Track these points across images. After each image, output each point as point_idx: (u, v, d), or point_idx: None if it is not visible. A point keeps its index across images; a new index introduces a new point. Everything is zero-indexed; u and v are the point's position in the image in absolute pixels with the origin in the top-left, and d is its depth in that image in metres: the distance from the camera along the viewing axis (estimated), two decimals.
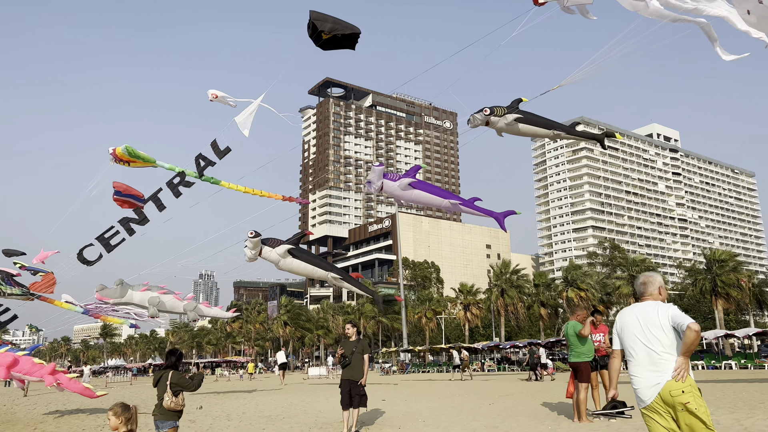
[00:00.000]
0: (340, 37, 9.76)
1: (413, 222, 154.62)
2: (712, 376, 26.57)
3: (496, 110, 9.87)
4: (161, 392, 7.69)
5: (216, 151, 17.17)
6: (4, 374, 17.23)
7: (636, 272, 55.80)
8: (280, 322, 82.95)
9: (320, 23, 9.45)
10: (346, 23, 9.72)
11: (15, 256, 25.05)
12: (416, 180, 12.89)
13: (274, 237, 14.49)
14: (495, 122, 9.77)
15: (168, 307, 19.31)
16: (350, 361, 10.45)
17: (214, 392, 25.98)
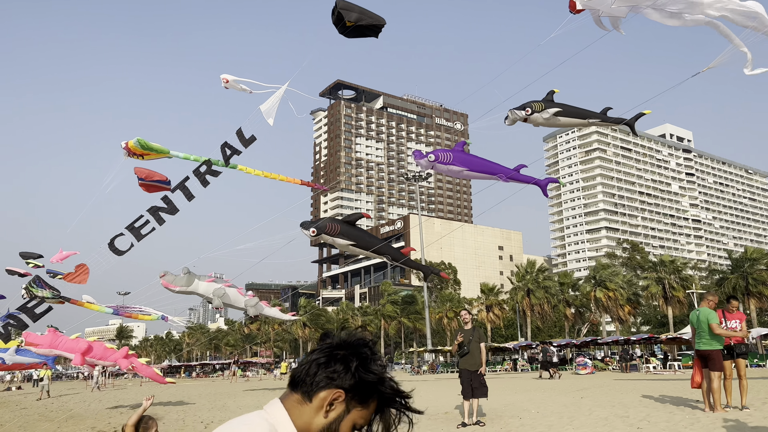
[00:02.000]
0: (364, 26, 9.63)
1: (425, 223, 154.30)
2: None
3: (535, 106, 9.93)
4: None
5: (241, 140, 17.16)
6: (80, 360, 17.12)
7: (664, 273, 55.34)
8: (299, 323, 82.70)
9: (346, 13, 9.31)
10: (372, 14, 9.60)
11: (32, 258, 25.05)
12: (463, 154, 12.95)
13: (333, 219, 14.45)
14: (535, 119, 9.86)
15: (231, 300, 19.12)
16: (468, 350, 10.19)
17: (271, 389, 25.78)
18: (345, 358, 1.49)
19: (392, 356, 75.99)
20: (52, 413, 20.29)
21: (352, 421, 1.48)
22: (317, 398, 1.45)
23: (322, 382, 1.45)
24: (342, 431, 1.46)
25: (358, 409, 1.47)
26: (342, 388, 1.45)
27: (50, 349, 16.93)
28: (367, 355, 1.52)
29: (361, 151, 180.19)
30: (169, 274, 18.03)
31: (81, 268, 23.23)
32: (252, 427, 1.39)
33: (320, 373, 1.47)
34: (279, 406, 1.46)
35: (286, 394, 1.51)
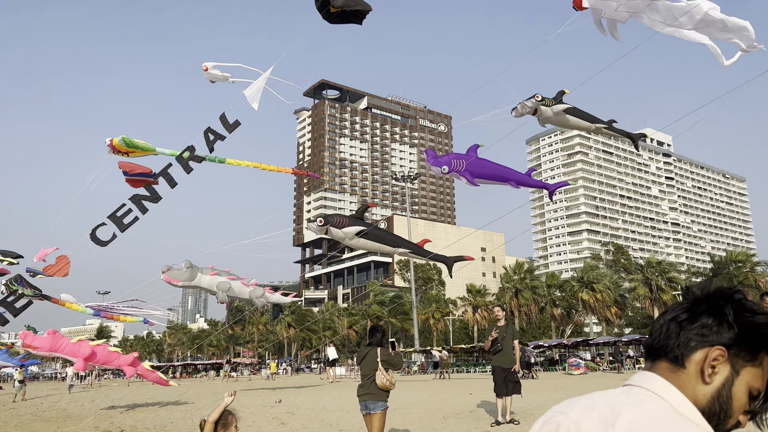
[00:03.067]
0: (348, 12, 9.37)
1: (406, 225, 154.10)
2: None
3: (546, 100, 9.94)
4: (368, 371, 7.12)
5: (225, 125, 16.73)
6: (82, 366, 16.49)
7: (651, 274, 55.78)
8: (284, 323, 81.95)
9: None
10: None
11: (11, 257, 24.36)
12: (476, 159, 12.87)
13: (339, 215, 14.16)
14: (543, 111, 9.90)
15: (236, 293, 18.66)
16: (502, 346, 9.94)
17: (271, 388, 25.30)
18: (714, 308, 1.16)
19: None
20: (45, 413, 19.62)
21: (747, 385, 1.13)
22: (691, 362, 1.14)
23: (693, 341, 1.15)
24: (736, 399, 1.13)
25: (749, 367, 1.14)
26: (721, 344, 1.14)
27: (51, 351, 16.26)
28: (743, 300, 1.17)
29: (345, 152, 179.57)
30: (172, 269, 17.52)
31: (62, 260, 22.53)
32: (654, 410, 1.07)
33: (686, 331, 1.17)
34: (659, 380, 1.14)
35: (651, 365, 1.19)
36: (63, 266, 22.17)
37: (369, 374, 7.04)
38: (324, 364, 56.41)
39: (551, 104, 10.09)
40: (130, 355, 18.17)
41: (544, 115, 10.11)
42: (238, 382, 40.26)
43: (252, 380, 42.06)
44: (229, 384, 37.65)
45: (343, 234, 13.80)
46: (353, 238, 13.96)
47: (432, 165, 12.83)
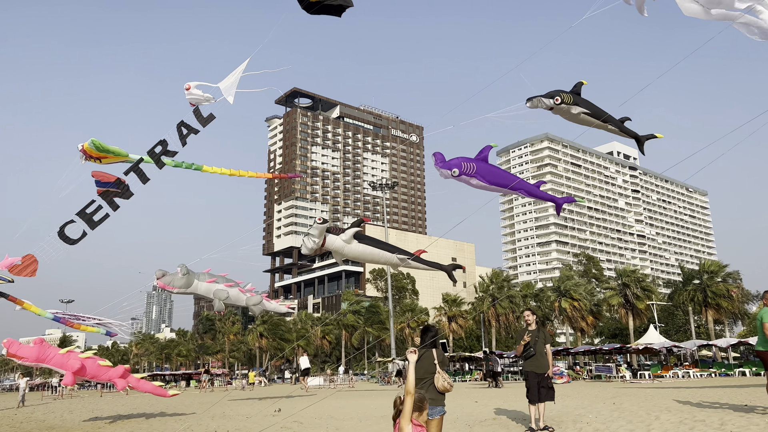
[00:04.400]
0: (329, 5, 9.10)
1: (380, 234, 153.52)
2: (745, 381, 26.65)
3: (564, 97, 9.86)
4: (423, 374, 6.69)
5: (199, 119, 16.24)
6: (71, 380, 15.57)
7: (627, 282, 56.46)
8: (255, 333, 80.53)
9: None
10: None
11: None
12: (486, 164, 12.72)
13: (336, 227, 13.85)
14: (561, 108, 9.79)
15: (233, 300, 17.94)
16: (535, 351, 9.61)
17: (258, 398, 24.51)
18: None
19: (350, 366, 74.71)
20: (23, 424, 18.54)
21: None
22: None
23: None
24: None
25: None
26: None
27: (37, 362, 15.31)
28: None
29: (317, 160, 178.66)
30: (168, 275, 16.75)
31: (28, 260, 21.42)
32: None
33: None
34: None
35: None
36: (30, 266, 21.07)
37: (425, 377, 6.62)
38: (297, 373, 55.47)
39: (569, 102, 9.94)
40: (120, 367, 17.27)
41: (562, 111, 10.00)
42: (213, 393, 39.18)
43: (228, 390, 40.98)
44: (211, 394, 36.58)
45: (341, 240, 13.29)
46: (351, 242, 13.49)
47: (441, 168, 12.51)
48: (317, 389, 40.15)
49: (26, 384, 31.92)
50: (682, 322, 75.33)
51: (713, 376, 33.71)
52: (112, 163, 17.51)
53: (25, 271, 20.98)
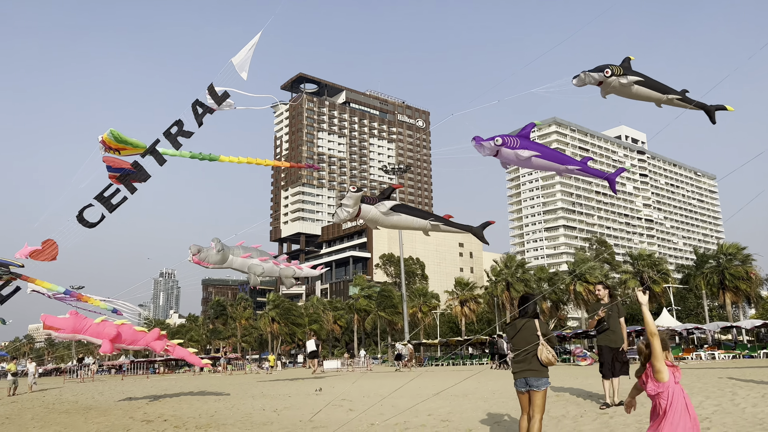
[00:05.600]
0: None
1: None
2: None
3: (614, 69, 9.39)
4: (523, 345, 6.41)
5: (214, 97, 16.05)
6: (109, 348, 15.39)
7: (642, 266, 56.15)
8: (267, 318, 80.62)
9: None
10: None
11: None
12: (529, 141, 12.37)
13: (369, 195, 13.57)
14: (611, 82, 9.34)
15: (267, 273, 17.68)
16: (609, 325, 9.33)
17: (288, 379, 24.41)
18: None
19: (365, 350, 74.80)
20: (56, 405, 18.43)
21: None
22: None
23: None
24: None
25: None
26: None
27: (74, 333, 15.10)
28: None
29: (323, 146, 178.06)
30: (203, 251, 16.48)
31: (48, 244, 21.26)
32: None
33: None
34: None
35: None
36: (50, 250, 20.96)
37: (522, 347, 6.35)
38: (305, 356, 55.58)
39: (620, 73, 9.50)
40: (154, 330, 17.08)
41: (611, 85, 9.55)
42: (231, 376, 39.20)
43: (247, 373, 41.01)
44: (232, 376, 36.58)
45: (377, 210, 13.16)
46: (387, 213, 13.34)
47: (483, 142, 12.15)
48: (335, 372, 40.10)
49: (35, 369, 31.69)
50: (694, 305, 75.06)
51: (738, 357, 33.45)
52: (130, 155, 17.31)
53: (46, 256, 20.87)
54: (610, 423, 7.93)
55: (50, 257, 21.12)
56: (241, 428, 10.49)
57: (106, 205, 17.72)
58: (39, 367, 47.71)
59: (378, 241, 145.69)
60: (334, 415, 11.03)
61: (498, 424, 8.57)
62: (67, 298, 25.81)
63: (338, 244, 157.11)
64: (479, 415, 9.51)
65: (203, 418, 12.28)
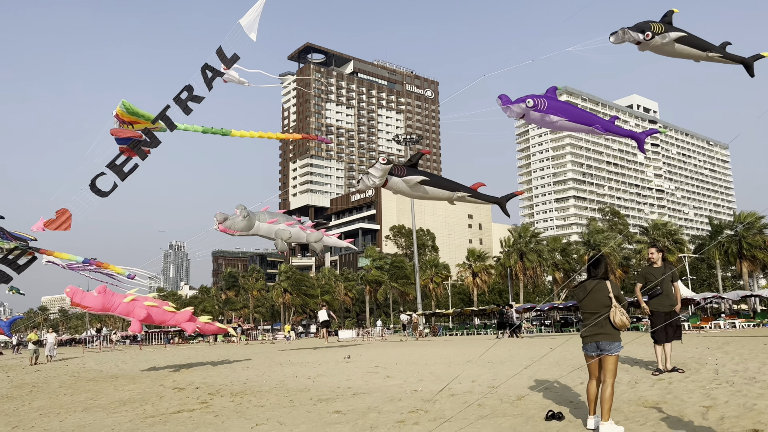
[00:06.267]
0: None
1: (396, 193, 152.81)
2: None
3: (654, 27, 8.84)
4: (596, 307, 6.08)
5: (223, 60, 15.66)
6: (138, 327, 15.23)
7: (657, 236, 55.64)
8: (279, 289, 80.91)
9: None
10: None
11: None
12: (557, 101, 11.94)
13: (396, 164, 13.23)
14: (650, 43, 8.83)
15: (293, 238, 17.42)
16: (662, 290, 8.99)
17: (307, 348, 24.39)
18: None
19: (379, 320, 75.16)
20: (82, 374, 18.44)
21: None
22: None
23: None
24: None
25: None
26: None
27: (103, 311, 14.93)
28: None
29: (331, 117, 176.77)
30: (228, 218, 16.23)
31: (62, 214, 21.04)
32: None
33: None
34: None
35: None
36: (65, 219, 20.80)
37: (599, 311, 6.02)
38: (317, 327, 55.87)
39: (660, 31, 9.00)
40: (185, 311, 16.93)
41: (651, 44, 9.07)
42: (248, 345, 39.38)
43: (263, 344, 41.21)
44: (249, 346, 36.72)
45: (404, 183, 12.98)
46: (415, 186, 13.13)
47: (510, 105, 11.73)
48: (350, 341, 40.17)
49: (55, 339, 31.73)
50: (707, 275, 74.64)
51: (759, 326, 33.17)
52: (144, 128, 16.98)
53: (60, 225, 20.73)
54: (671, 389, 7.64)
55: (65, 226, 21.01)
56: (277, 395, 10.31)
57: (117, 173, 17.50)
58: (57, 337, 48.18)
59: (387, 213, 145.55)
60: (372, 381, 10.82)
61: (549, 390, 8.31)
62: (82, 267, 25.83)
63: (347, 216, 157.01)
64: (525, 381, 9.27)
65: (236, 385, 12.13)
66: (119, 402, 11.33)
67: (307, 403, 9.19)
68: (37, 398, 12.99)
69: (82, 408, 10.93)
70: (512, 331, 31.64)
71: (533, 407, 7.31)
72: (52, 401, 12.29)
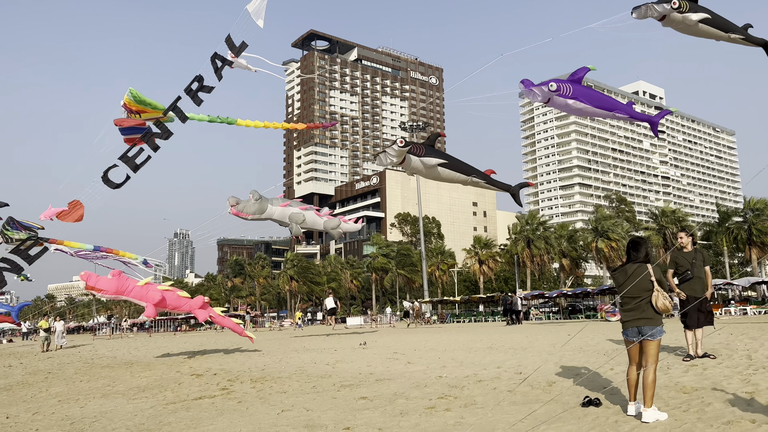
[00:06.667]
0: None
1: (401, 179, 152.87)
2: None
3: (681, 3, 8.57)
4: (638, 291, 5.90)
5: (232, 48, 15.56)
6: (152, 312, 15.13)
7: (665, 223, 55.36)
8: (285, 276, 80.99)
9: None
10: None
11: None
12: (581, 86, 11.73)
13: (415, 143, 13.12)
14: (675, 18, 8.57)
15: (309, 224, 17.28)
16: (693, 274, 8.81)
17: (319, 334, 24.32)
18: None
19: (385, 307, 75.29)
20: (95, 360, 18.40)
21: None
22: None
23: None
24: None
25: None
26: None
27: (117, 294, 14.81)
28: None
29: (336, 105, 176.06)
30: (241, 202, 16.10)
31: (74, 205, 20.97)
32: None
33: None
34: None
35: None
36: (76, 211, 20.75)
37: (641, 296, 5.84)
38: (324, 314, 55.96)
39: (686, 9, 8.78)
40: (199, 297, 16.82)
41: (674, 21, 8.86)
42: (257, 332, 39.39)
43: (271, 330, 41.26)
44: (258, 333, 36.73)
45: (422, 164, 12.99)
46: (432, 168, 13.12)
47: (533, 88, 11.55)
48: (359, 328, 40.16)
49: (63, 327, 31.69)
50: (714, 262, 74.51)
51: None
52: (151, 117, 16.84)
53: (72, 216, 20.67)
54: (707, 375, 7.48)
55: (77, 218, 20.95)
56: (299, 381, 10.20)
57: (130, 165, 17.43)
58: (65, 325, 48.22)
59: (391, 201, 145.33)
60: (394, 368, 10.70)
61: (579, 377, 8.17)
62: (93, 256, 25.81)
63: (351, 204, 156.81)
64: (552, 368, 9.13)
65: (255, 371, 12.03)
66: (138, 388, 11.25)
67: (330, 389, 9.08)
68: (53, 384, 12.93)
69: (101, 394, 10.85)
70: (516, 317, 31.67)
71: (566, 393, 7.17)
72: (69, 388, 12.22)
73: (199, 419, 7.70)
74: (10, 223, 22.27)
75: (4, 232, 22.31)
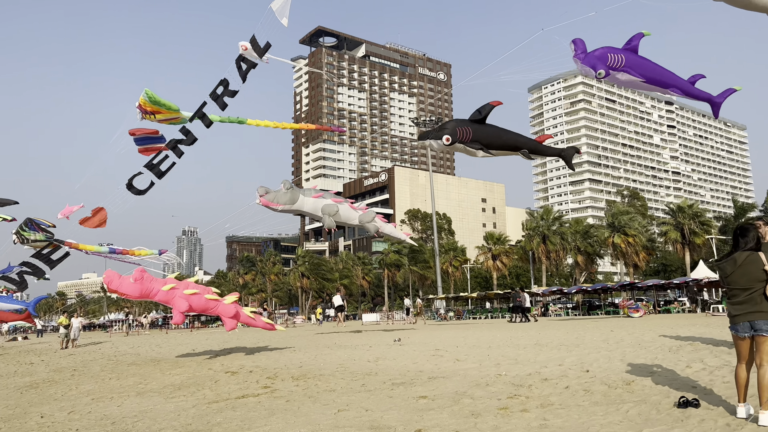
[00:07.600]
0: None
1: (410, 176, 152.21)
2: None
3: None
4: (748, 282, 5.32)
5: (256, 49, 15.30)
6: (180, 320, 14.64)
7: (682, 218, 54.48)
8: (297, 273, 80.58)
9: None
10: None
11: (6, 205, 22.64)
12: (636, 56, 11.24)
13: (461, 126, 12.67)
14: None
15: (343, 217, 16.72)
16: None
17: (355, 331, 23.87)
18: None
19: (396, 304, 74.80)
20: (119, 357, 18.00)
21: None
22: None
23: None
24: None
25: None
26: None
27: (141, 297, 14.30)
28: None
29: (344, 101, 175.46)
30: (271, 191, 15.59)
31: (98, 212, 20.64)
32: None
33: None
34: None
35: None
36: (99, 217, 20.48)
37: (753, 287, 5.27)
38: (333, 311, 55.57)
39: None
40: (231, 306, 16.19)
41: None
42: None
43: (290, 326, 40.87)
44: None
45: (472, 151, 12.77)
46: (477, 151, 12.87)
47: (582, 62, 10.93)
48: (375, 325, 39.67)
49: (80, 324, 31.39)
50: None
51: None
52: (165, 119, 16.47)
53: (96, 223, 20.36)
54: None
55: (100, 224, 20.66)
56: (344, 378, 9.70)
57: (155, 171, 17.13)
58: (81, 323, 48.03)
59: (400, 197, 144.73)
60: (443, 365, 10.19)
61: (655, 375, 7.62)
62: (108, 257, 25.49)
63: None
64: (619, 365, 8.59)
65: (292, 369, 11.55)
66: (173, 386, 10.78)
67: (381, 387, 8.57)
68: (82, 382, 12.50)
69: (135, 392, 10.40)
70: (524, 315, 31.00)
71: (652, 393, 6.63)
72: (99, 385, 11.78)
73: (250, 419, 7.23)
74: (27, 224, 22.00)
75: (20, 232, 22.04)
